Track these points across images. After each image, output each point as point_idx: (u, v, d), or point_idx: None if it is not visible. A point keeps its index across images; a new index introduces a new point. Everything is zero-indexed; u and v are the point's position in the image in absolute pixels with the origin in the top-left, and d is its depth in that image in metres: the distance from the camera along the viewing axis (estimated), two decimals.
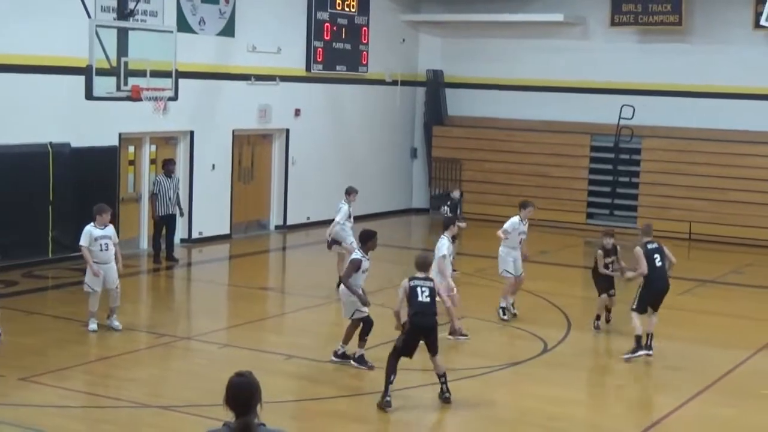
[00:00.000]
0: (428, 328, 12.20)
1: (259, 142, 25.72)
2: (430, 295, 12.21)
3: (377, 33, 28.31)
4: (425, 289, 12.20)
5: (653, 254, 15.28)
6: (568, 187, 28.19)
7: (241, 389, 5.76)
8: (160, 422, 11.66)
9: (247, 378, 5.81)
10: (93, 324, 15.24)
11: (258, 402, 5.74)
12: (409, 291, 12.21)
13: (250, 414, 5.71)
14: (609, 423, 12.21)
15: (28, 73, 19.34)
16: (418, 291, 12.17)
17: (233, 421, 5.72)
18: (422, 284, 12.26)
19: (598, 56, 28.38)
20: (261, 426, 5.74)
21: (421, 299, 12.13)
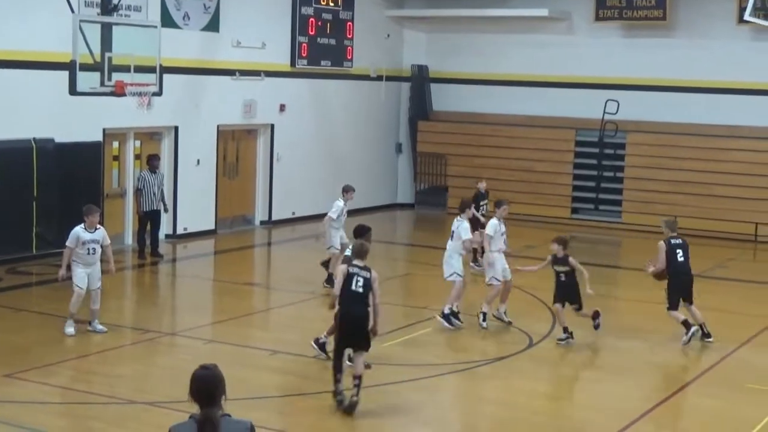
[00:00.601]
0: (359, 318, 11.74)
1: (243, 138, 25.67)
2: (364, 284, 11.76)
3: (362, 28, 28.28)
4: (360, 279, 11.77)
5: (675, 249, 15.65)
6: (553, 182, 28.23)
7: (205, 382, 5.86)
8: (145, 418, 11.63)
9: (211, 371, 5.91)
10: (71, 327, 14.90)
11: (222, 394, 5.84)
12: (343, 276, 11.83)
13: (215, 406, 5.80)
14: (594, 417, 12.23)
15: (11, 69, 19.26)
16: (353, 279, 11.77)
17: (198, 414, 5.80)
18: (358, 272, 11.82)
19: (582, 51, 28.42)
20: (225, 417, 5.83)
21: (353, 287, 11.74)
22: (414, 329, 15.82)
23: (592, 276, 20.90)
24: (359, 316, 11.71)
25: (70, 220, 20.08)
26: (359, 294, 11.73)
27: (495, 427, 11.98)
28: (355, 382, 11.75)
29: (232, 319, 16.40)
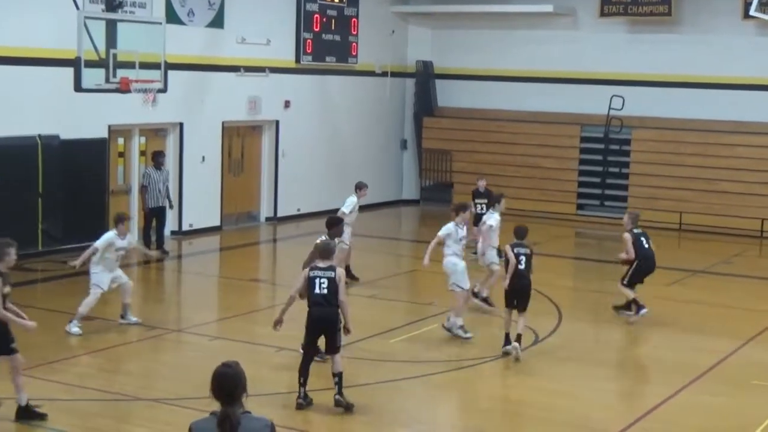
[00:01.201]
0: (324, 320, 11.64)
1: (248, 134, 25.68)
2: (329, 286, 11.55)
3: (367, 24, 28.26)
4: (324, 280, 11.57)
5: (640, 237, 16.86)
6: (558, 178, 28.20)
7: (227, 379, 5.90)
8: (151, 415, 11.64)
9: (232, 368, 5.95)
10: (77, 328, 14.84)
11: (243, 392, 5.89)
12: (307, 282, 11.69)
13: (235, 403, 5.85)
14: (600, 413, 12.22)
15: (16, 65, 19.27)
16: (316, 282, 11.59)
17: (219, 411, 5.83)
18: (321, 275, 11.61)
19: (587, 47, 28.38)
20: (246, 414, 5.86)
21: (317, 291, 11.58)
22: (419, 326, 15.82)
23: (598, 272, 21.00)
24: (326, 318, 11.62)
25: (75, 217, 20.25)
26: (323, 295, 11.57)
27: (500, 424, 11.97)
28: (335, 380, 11.73)
29: (238, 316, 16.40)
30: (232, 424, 5.78)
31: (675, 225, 26.42)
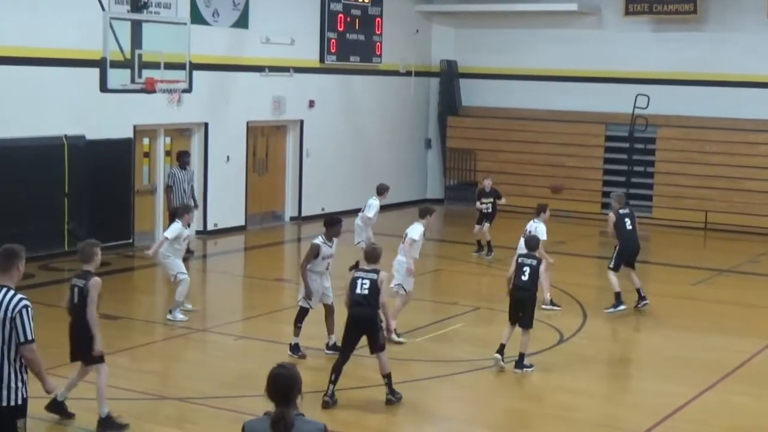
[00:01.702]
0: (365, 320, 11.87)
1: (273, 134, 25.74)
2: (370, 287, 11.80)
3: (391, 24, 28.28)
4: (366, 282, 11.85)
5: (624, 218, 17.24)
6: (582, 177, 28.13)
7: (282, 381, 5.98)
8: (176, 413, 11.70)
9: (288, 370, 6.03)
10: (180, 314, 15.72)
11: (298, 394, 5.96)
12: (350, 283, 12.03)
13: (290, 405, 5.91)
14: (626, 413, 12.19)
15: (42, 66, 19.39)
16: (358, 283, 11.90)
17: (273, 412, 5.89)
18: (364, 276, 11.92)
19: (612, 45, 28.28)
20: (299, 416, 5.92)
21: (359, 291, 11.85)
22: (444, 325, 15.82)
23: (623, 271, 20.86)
24: (366, 318, 11.84)
25: (101, 217, 20.36)
26: (364, 296, 11.82)
27: (525, 424, 11.96)
28: (385, 380, 11.95)
29: (263, 315, 16.44)
30: (286, 425, 5.83)
31: (700, 224, 26.30)
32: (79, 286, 10.90)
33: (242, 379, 13.14)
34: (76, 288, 10.93)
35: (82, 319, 10.87)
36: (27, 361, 8.00)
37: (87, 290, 10.78)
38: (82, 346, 11.00)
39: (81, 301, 10.87)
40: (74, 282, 11.00)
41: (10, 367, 7.95)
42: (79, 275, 11.01)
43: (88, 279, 10.84)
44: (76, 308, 10.95)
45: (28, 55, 19.15)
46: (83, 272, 11.00)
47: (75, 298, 10.94)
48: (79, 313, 10.90)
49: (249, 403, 11.91)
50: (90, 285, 10.79)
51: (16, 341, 7.91)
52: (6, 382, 7.96)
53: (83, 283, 10.86)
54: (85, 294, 10.78)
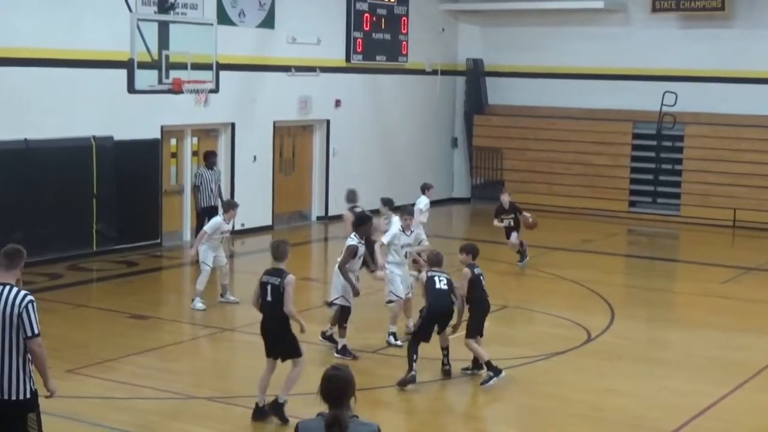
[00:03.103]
0: (445, 313, 12.66)
1: (299, 133, 25.78)
2: (447, 284, 12.67)
3: (417, 23, 28.26)
4: (443, 278, 12.70)
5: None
6: (610, 175, 28.01)
7: (336, 382, 5.95)
8: (205, 413, 11.73)
9: (342, 372, 6.00)
10: (201, 303, 16.33)
11: (351, 396, 5.93)
12: (427, 281, 12.77)
13: (343, 407, 5.89)
14: (654, 412, 12.13)
15: (71, 68, 19.49)
16: (436, 280, 12.68)
17: (326, 413, 5.89)
18: (439, 274, 12.76)
19: (639, 43, 28.16)
20: (353, 418, 5.90)
21: (438, 286, 12.63)
22: None
23: (651, 270, 20.84)
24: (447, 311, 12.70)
25: (128, 217, 20.45)
26: (445, 291, 12.67)
27: (553, 423, 11.92)
28: (444, 352, 12.93)
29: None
30: (341, 428, 5.82)
31: (729, 222, 26.15)
32: (274, 283, 11.24)
33: (274, 378, 13.16)
34: (270, 285, 11.27)
35: (278, 315, 11.19)
36: (34, 355, 8.16)
37: (283, 287, 11.13)
38: (281, 341, 11.31)
39: (275, 298, 11.19)
40: (266, 279, 11.35)
41: (17, 362, 8.12)
42: (272, 273, 11.38)
43: (282, 276, 11.21)
44: (270, 305, 11.26)
45: (57, 57, 19.25)
46: (276, 270, 11.38)
47: (268, 296, 11.26)
48: (274, 310, 11.21)
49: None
50: (286, 282, 11.15)
51: (23, 336, 8.08)
52: (14, 377, 8.13)
53: (278, 281, 11.20)
54: (281, 291, 11.13)
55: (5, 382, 8.09)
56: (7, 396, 8.10)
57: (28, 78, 18.82)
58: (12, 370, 8.10)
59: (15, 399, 8.12)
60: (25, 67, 18.77)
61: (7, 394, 8.11)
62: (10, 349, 8.08)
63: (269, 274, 11.34)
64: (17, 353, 8.10)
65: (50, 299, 15.94)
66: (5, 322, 8.04)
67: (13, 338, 8.07)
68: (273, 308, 11.22)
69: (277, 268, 11.34)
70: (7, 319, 8.04)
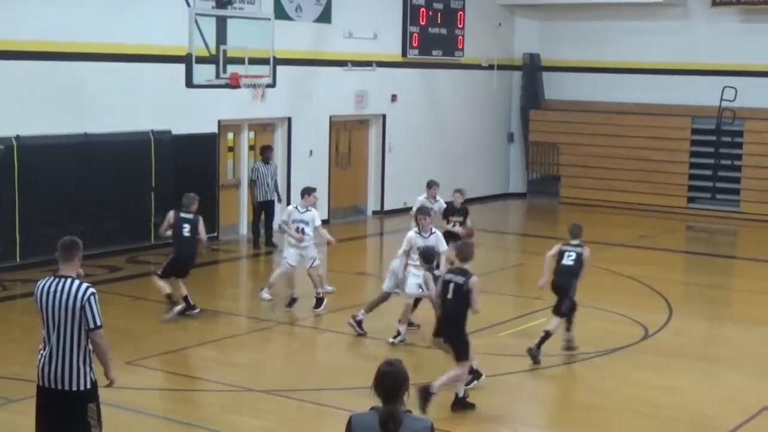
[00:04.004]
0: (564, 288, 13.41)
1: (356, 128, 25.82)
2: (575, 259, 13.38)
3: (473, 17, 28.18)
4: (572, 254, 13.46)
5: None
6: (668, 170, 27.74)
7: (390, 377, 5.96)
8: (261, 405, 11.79)
9: (396, 367, 6.01)
10: (267, 294, 16.42)
11: (405, 391, 5.94)
12: (557, 252, 13.58)
13: (397, 402, 5.90)
14: (712, 409, 12.00)
15: (130, 62, 19.67)
16: (565, 255, 13.50)
17: (380, 408, 5.91)
18: (570, 250, 13.54)
19: (698, 37, 27.85)
20: (407, 414, 5.91)
21: (565, 262, 13.47)
22: (527, 320, 15.74)
23: (710, 266, 20.62)
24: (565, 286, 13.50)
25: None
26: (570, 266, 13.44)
27: (610, 420, 11.84)
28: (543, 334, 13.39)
29: (346, 309, 16.46)
30: (396, 424, 5.83)
31: None
32: (457, 282, 11.42)
33: (326, 372, 13.23)
34: (453, 284, 11.44)
35: (456, 313, 11.41)
36: (96, 346, 8.26)
37: (468, 288, 11.32)
38: (455, 339, 11.48)
39: (456, 297, 11.37)
40: (450, 278, 11.54)
41: (79, 353, 8.21)
42: (456, 272, 11.60)
43: (468, 277, 11.39)
44: (451, 303, 11.44)
45: (116, 52, 19.44)
46: (461, 270, 11.56)
47: (449, 293, 11.42)
48: (454, 308, 11.42)
49: (333, 396, 11.99)
50: (472, 283, 11.35)
51: (86, 328, 8.16)
52: (75, 368, 8.23)
53: (462, 280, 11.39)
54: (465, 291, 11.32)
55: (66, 373, 8.20)
56: (68, 387, 8.21)
57: (88, 72, 19.03)
58: (73, 361, 8.20)
59: (76, 389, 8.22)
60: (85, 61, 18.98)
61: (68, 385, 8.21)
62: (71, 340, 8.18)
63: (454, 273, 11.61)
64: (78, 345, 8.19)
65: (109, 291, 16.10)
66: (67, 315, 8.14)
67: (75, 330, 8.17)
68: (453, 306, 11.43)
69: (462, 268, 11.56)
70: (69, 312, 8.13)
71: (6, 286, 17.21)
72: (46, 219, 18.10)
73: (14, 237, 18.02)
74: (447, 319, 11.55)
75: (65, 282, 8.17)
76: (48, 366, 8.23)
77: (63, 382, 8.21)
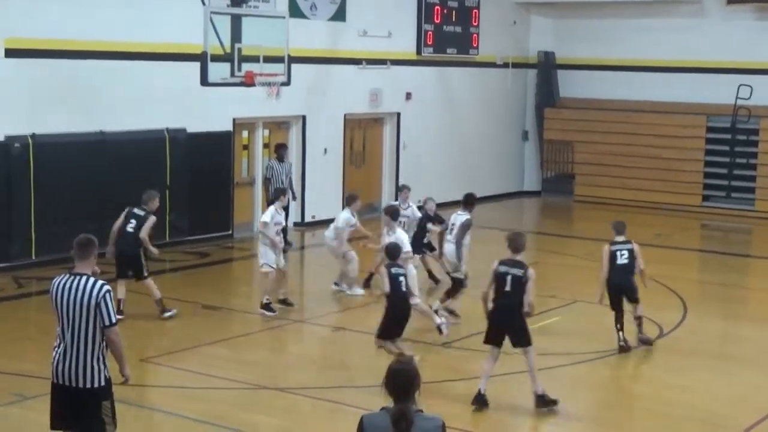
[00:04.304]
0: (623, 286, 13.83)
1: (370, 126, 25.84)
2: (629, 257, 13.80)
3: (488, 15, 28.16)
4: (624, 252, 13.83)
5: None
6: (683, 169, 27.68)
7: (402, 376, 5.92)
8: (275, 403, 11.82)
9: (407, 365, 5.97)
10: (359, 289, 17.03)
11: (416, 389, 5.90)
12: (609, 254, 13.87)
13: (408, 400, 5.87)
14: (727, 409, 11.98)
15: (145, 61, 19.72)
16: (618, 255, 13.83)
17: (391, 407, 5.88)
18: (622, 248, 13.88)
19: (714, 35, 27.75)
20: (418, 413, 5.88)
21: (619, 262, 13.80)
22: (542, 318, 15.69)
23: (724, 265, 20.56)
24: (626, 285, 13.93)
25: (201, 209, 20.67)
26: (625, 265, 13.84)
27: (623, 419, 11.84)
28: (637, 321, 14.05)
29: (361, 307, 16.51)
30: (407, 423, 5.81)
31: None
32: (516, 274, 11.43)
33: (340, 370, 13.25)
34: (510, 276, 11.45)
35: (515, 305, 11.44)
36: (111, 344, 8.29)
37: (526, 279, 11.39)
38: (517, 329, 11.56)
39: (515, 289, 11.42)
40: (505, 270, 11.50)
41: (93, 351, 8.24)
42: (510, 264, 11.54)
43: (526, 269, 11.44)
44: (509, 295, 11.48)
45: (131, 50, 19.49)
46: (516, 261, 11.55)
47: (507, 286, 11.46)
48: (512, 300, 11.45)
49: (347, 394, 12.01)
50: (531, 274, 11.44)
51: (101, 325, 8.19)
52: (90, 365, 8.25)
53: (521, 272, 11.42)
54: (523, 282, 11.38)
55: (80, 370, 8.23)
56: (82, 384, 8.24)
57: (103, 71, 19.08)
58: (87, 358, 8.23)
59: (90, 387, 8.26)
60: (100, 60, 19.04)
61: (82, 382, 8.25)
62: (86, 337, 8.21)
63: (507, 265, 11.52)
64: (93, 342, 8.23)
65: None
66: (82, 312, 8.17)
67: (89, 327, 8.20)
68: (510, 298, 11.45)
69: (516, 260, 11.54)
70: (84, 309, 8.17)
71: (22, 283, 17.28)
72: (61, 217, 18.17)
73: (30, 235, 18.10)
74: (505, 311, 11.52)
75: (80, 279, 8.21)
76: (62, 363, 8.27)
77: (77, 380, 8.24)
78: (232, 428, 10.86)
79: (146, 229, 14.95)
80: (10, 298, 16.38)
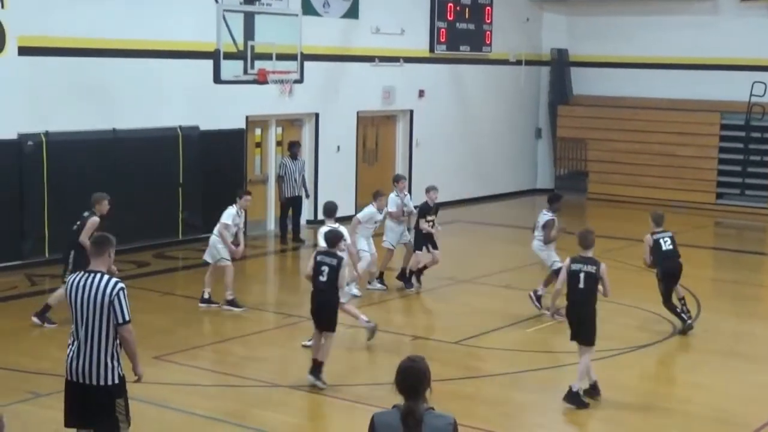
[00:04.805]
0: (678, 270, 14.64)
1: (383, 124, 25.82)
2: (672, 243, 14.46)
3: (501, 12, 28.12)
4: (667, 239, 14.54)
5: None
6: (696, 166, 27.60)
7: (411, 374, 5.91)
8: (288, 401, 11.83)
9: (417, 363, 5.96)
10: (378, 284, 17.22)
11: (427, 387, 5.89)
12: (653, 243, 14.46)
13: (419, 398, 5.85)
14: (741, 407, 11.94)
15: (158, 58, 19.75)
16: (662, 242, 14.44)
17: (402, 405, 5.87)
18: (663, 236, 14.54)
19: (728, 32, 27.65)
20: (429, 410, 5.87)
21: (665, 248, 14.47)
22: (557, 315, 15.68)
23: (739, 263, 20.48)
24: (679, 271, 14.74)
25: (214, 206, 20.63)
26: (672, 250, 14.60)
27: (636, 416, 11.81)
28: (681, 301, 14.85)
29: (373, 305, 16.51)
30: (416, 420, 5.80)
31: None
32: (589, 271, 11.58)
33: (353, 368, 13.24)
34: (584, 273, 11.59)
35: (589, 301, 11.62)
36: (125, 341, 8.32)
37: (600, 275, 11.56)
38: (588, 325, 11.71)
39: (588, 285, 11.59)
40: (579, 267, 11.62)
41: (107, 348, 8.27)
42: (582, 261, 11.68)
43: (598, 265, 11.61)
44: (583, 292, 11.61)
45: (144, 48, 19.52)
46: (586, 258, 11.71)
47: (581, 283, 11.61)
48: (587, 296, 11.62)
49: (360, 391, 12.00)
50: (603, 270, 11.60)
51: (114, 322, 8.21)
52: (104, 363, 8.28)
53: (594, 269, 11.58)
54: (597, 278, 11.55)
55: (94, 367, 8.25)
56: (95, 381, 8.26)
57: (116, 69, 19.11)
58: (101, 356, 8.25)
59: (104, 384, 8.27)
60: (113, 58, 19.07)
61: (96, 380, 8.26)
62: (100, 335, 8.23)
63: (580, 262, 11.67)
64: (107, 340, 8.24)
65: (137, 287, 16.18)
66: (96, 309, 8.19)
67: (103, 325, 8.22)
68: (585, 294, 11.61)
69: (586, 257, 11.68)
70: (98, 307, 8.18)
71: (35, 281, 17.32)
72: (74, 214, 18.16)
73: (43, 233, 18.14)
74: (580, 307, 11.65)
75: (95, 277, 8.22)
76: (76, 360, 8.28)
77: (91, 377, 8.26)
78: (246, 426, 10.88)
79: (86, 231, 14.10)
80: (23, 296, 16.42)
